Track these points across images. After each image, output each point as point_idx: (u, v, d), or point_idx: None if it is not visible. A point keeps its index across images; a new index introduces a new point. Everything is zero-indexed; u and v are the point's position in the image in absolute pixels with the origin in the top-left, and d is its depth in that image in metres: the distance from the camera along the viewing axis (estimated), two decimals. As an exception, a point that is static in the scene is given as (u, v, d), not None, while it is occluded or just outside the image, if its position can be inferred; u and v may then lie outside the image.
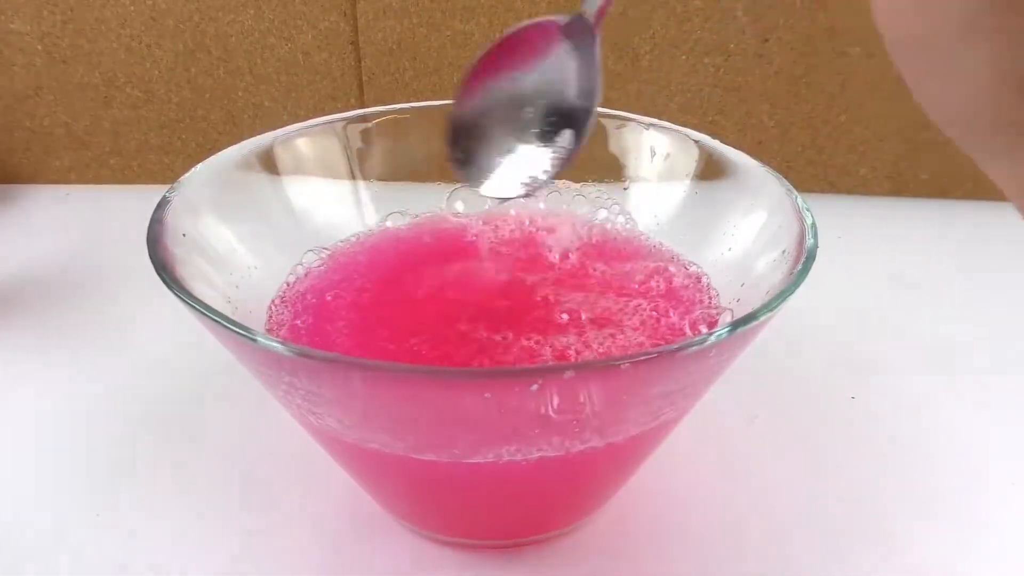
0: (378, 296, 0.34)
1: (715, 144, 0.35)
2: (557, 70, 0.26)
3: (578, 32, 0.24)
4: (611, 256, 0.36)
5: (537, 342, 0.31)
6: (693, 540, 0.32)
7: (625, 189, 0.38)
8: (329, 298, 0.33)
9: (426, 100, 0.39)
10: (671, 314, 0.33)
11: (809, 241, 0.27)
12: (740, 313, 0.25)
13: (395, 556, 0.31)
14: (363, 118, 0.38)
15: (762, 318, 0.23)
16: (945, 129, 0.16)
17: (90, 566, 0.31)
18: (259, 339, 0.22)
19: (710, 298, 0.33)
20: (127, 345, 0.43)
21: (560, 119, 0.27)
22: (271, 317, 0.32)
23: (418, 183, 0.39)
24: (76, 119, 0.59)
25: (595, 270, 0.35)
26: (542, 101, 0.27)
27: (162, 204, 0.29)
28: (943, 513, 0.33)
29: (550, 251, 0.37)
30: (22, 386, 0.40)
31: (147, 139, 0.60)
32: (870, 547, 0.32)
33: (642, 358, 0.22)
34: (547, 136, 0.27)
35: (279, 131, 0.36)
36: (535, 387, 0.22)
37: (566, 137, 0.27)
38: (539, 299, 0.33)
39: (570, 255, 0.36)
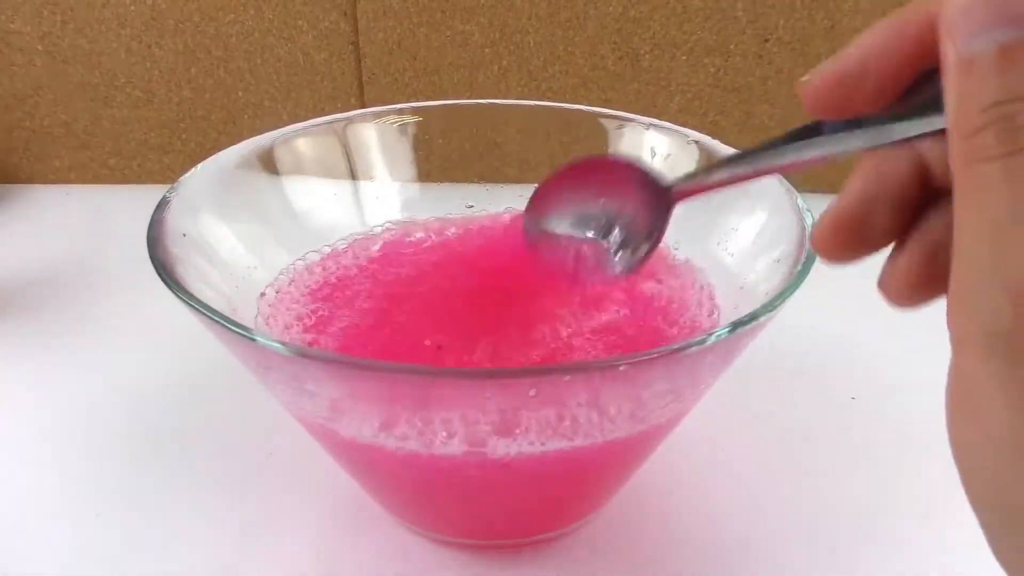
0: (375, 296, 0.34)
1: (715, 144, 0.35)
2: (629, 215, 0.28)
3: (659, 196, 0.26)
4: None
5: (537, 342, 0.31)
6: (693, 540, 0.32)
7: (625, 189, 0.38)
8: (327, 297, 0.33)
9: (426, 100, 0.39)
10: (670, 315, 0.33)
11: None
12: (740, 313, 0.25)
13: (395, 556, 0.31)
14: (363, 118, 0.38)
15: (762, 318, 0.23)
16: None
17: (89, 565, 0.31)
18: (258, 338, 0.22)
19: (711, 298, 0.33)
20: (127, 344, 0.43)
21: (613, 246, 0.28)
22: (270, 313, 0.32)
23: (418, 183, 0.39)
24: (76, 119, 0.59)
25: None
26: (604, 230, 0.29)
27: (162, 204, 0.29)
28: (943, 513, 0.33)
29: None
30: (22, 385, 0.40)
31: (147, 139, 0.60)
32: (870, 547, 0.32)
33: (642, 359, 0.22)
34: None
35: (279, 131, 0.36)
36: (533, 392, 0.22)
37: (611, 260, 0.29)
38: (539, 300, 0.33)
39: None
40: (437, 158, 0.39)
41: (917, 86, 0.17)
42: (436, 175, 0.39)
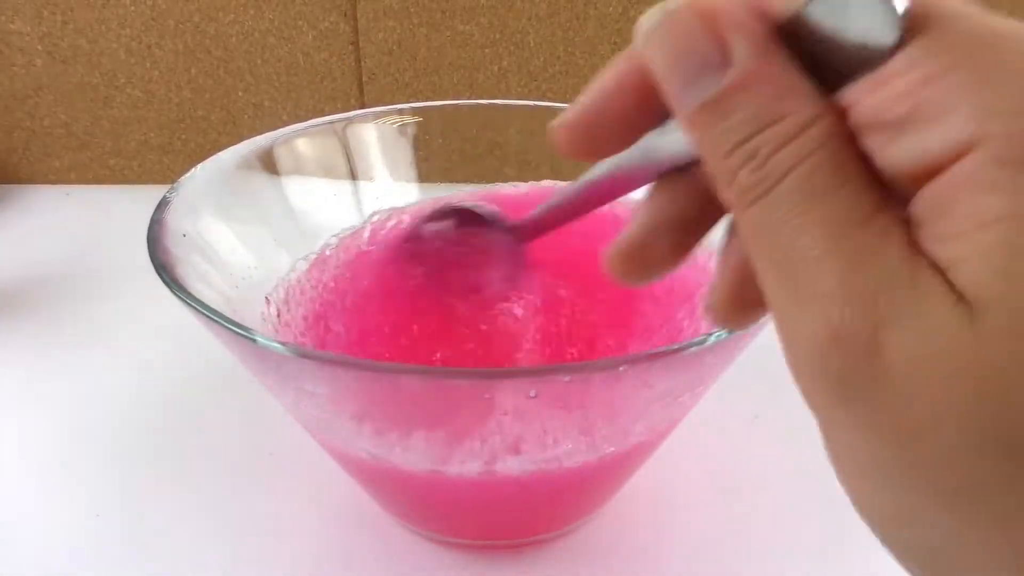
0: (373, 296, 0.34)
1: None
2: (490, 263, 0.28)
3: (510, 237, 0.26)
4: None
5: (539, 342, 0.31)
6: (693, 540, 0.32)
7: (625, 189, 0.37)
8: (324, 299, 0.33)
9: (426, 100, 0.39)
10: (671, 314, 0.33)
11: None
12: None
13: (396, 556, 0.31)
14: (363, 118, 0.38)
15: (762, 318, 0.23)
16: None
17: (89, 565, 0.31)
18: (258, 339, 0.22)
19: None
20: (127, 345, 0.43)
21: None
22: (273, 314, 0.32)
23: (418, 183, 0.39)
24: (76, 119, 0.59)
25: (595, 271, 0.35)
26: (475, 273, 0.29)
27: (162, 204, 0.29)
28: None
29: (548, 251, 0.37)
30: (22, 384, 0.40)
31: (147, 139, 0.60)
32: (871, 547, 0.32)
33: (641, 360, 0.22)
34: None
35: (279, 131, 0.36)
36: (533, 393, 0.22)
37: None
38: (540, 300, 0.33)
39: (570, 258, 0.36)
40: (437, 158, 0.39)
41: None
42: (436, 175, 0.39)
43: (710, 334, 0.22)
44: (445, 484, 0.27)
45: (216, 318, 0.23)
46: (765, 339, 0.26)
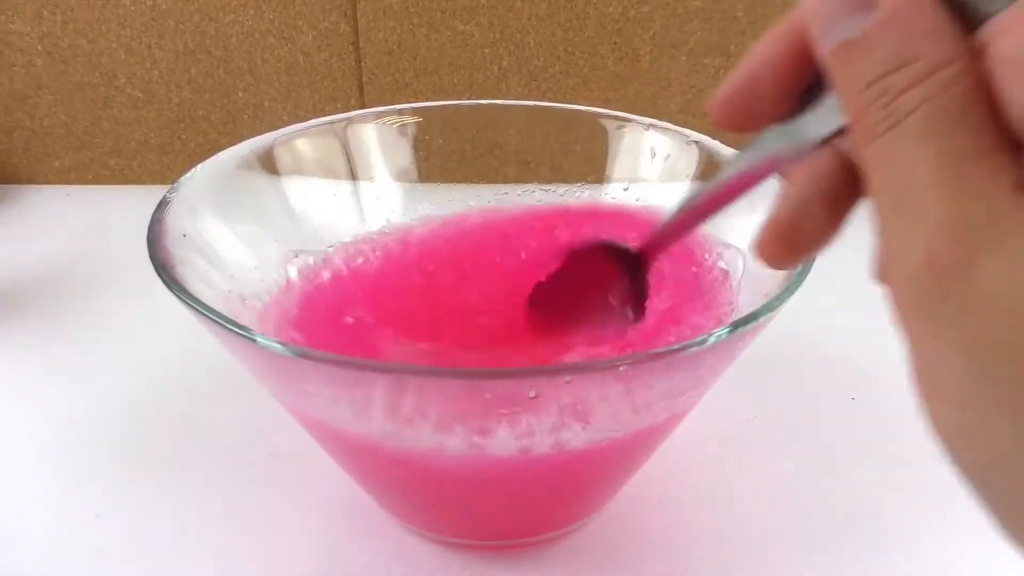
0: (375, 296, 0.34)
1: (715, 145, 0.35)
2: (619, 288, 0.28)
3: (634, 261, 0.27)
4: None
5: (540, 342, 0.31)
6: (693, 541, 0.32)
7: (625, 190, 0.38)
8: (327, 298, 0.33)
9: (426, 100, 0.39)
10: (684, 313, 0.33)
11: (809, 242, 0.27)
12: (740, 314, 0.25)
13: (395, 556, 0.31)
14: (363, 118, 0.38)
15: (762, 318, 0.23)
16: None
17: (89, 565, 0.31)
18: (258, 339, 0.22)
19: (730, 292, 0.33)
20: (127, 345, 0.43)
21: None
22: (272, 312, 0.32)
23: (418, 183, 0.39)
24: (76, 119, 0.59)
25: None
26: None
27: (162, 204, 0.29)
28: (943, 514, 0.33)
29: (549, 250, 0.37)
30: (23, 385, 0.40)
31: (147, 139, 0.60)
32: (870, 548, 0.32)
33: (641, 360, 0.22)
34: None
35: (279, 131, 0.36)
36: (533, 393, 0.22)
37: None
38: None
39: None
40: (437, 158, 0.39)
41: (816, 90, 0.18)
42: (436, 175, 0.39)
43: (710, 334, 0.22)
44: (445, 478, 0.27)
45: (216, 318, 0.23)
46: (765, 339, 0.26)
